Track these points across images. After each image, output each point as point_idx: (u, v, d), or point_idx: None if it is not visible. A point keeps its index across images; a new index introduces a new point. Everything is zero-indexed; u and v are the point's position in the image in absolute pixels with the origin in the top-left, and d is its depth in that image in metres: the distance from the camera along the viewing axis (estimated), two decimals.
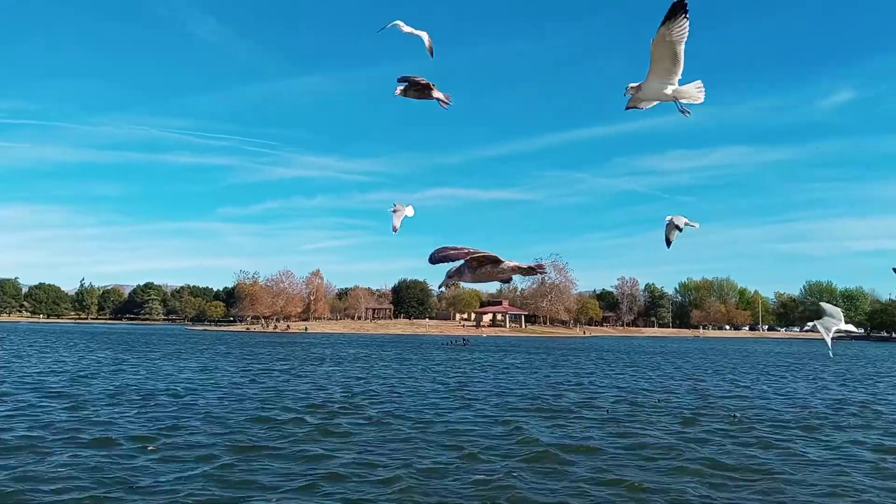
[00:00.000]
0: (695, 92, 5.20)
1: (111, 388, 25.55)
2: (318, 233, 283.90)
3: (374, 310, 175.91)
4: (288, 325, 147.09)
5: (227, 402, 21.94)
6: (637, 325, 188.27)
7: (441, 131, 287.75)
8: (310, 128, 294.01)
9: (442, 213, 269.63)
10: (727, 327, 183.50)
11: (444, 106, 5.97)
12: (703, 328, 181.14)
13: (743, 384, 33.91)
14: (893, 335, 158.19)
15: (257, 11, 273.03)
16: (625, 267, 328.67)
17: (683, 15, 4.40)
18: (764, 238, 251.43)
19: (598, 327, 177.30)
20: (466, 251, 4.09)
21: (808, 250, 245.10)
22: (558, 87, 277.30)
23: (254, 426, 17.43)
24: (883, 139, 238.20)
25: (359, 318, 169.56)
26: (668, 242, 6.82)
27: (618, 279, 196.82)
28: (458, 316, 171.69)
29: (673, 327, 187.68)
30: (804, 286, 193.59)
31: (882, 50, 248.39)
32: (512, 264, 4.18)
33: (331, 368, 39.20)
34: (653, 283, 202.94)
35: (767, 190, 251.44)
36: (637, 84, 5.01)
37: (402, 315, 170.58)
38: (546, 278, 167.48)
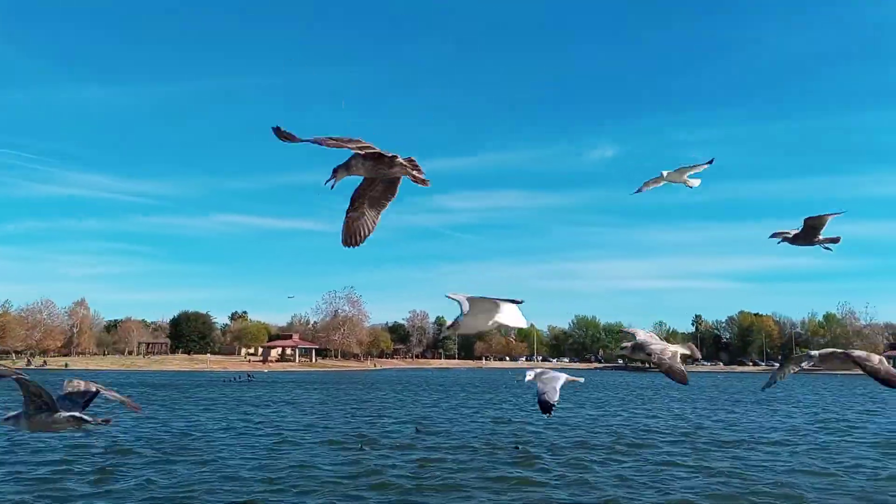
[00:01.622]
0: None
1: None
2: (87, 258, 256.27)
3: (148, 344, 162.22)
4: (45, 361, 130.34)
5: None
6: (426, 357, 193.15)
7: (232, 155, 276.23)
8: (82, 143, 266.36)
9: (231, 241, 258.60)
10: (507, 358, 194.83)
11: (424, 182, 4.61)
12: (486, 359, 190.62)
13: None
14: (647, 366, 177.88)
15: (25, 13, 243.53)
16: (416, 300, 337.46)
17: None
18: (539, 275, 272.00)
19: (389, 360, 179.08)
20: None
21: (577, 287, 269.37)
22: (359, 120, 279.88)
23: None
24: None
25: (130, 353, 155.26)
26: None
27: (409, 312, 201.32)
28: (243, 351, 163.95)
29: (458, 358, 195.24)
30: (573, 320, 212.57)
31: (639, 113, 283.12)
32: (65, 415, 5.28)
33: None
34: (442, 316, 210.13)
35: (541, 231, 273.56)
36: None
37: (180, 350, 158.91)
38: (340, 311, 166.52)
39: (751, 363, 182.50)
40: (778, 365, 6.64)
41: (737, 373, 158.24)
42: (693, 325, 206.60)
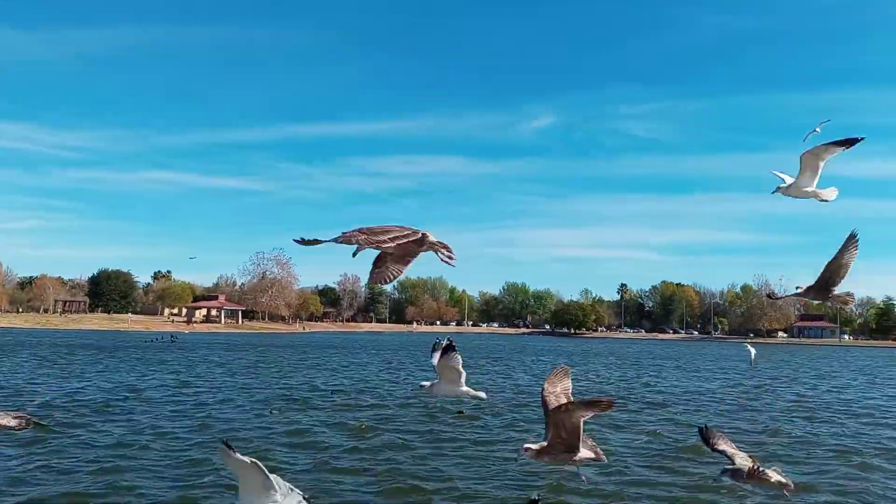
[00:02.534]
0: (828, 194, 6.14)
1: None
2: (1, 212, 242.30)
3: (65, 302, 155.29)
4: None
5: None
6: (356, 321, 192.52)
7: (160, 109, 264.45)
8: None
9: (156, 198, 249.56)
10: (437, 323, 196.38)
11: (451, 262, 5.10)
12: (417, 323, 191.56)
13: None
14: (573, 331, 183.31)
15: None
16: (348, 264, 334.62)
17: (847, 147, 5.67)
18: (475, 242, 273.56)
19: (319, 323, 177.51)
20: None
21: (510, 254, 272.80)
22: (296, 80, 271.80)
23: None
24: (574, 162, 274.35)
25: (46, 311, 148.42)
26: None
27: (340, 275, 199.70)
28: (167, 311, 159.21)
29: (390, 322, 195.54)
30: (503, 286, 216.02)
31: (579, 84, 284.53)
32: None
33: None
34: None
35: (479, 199, 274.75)
36: (787, 184, 6.06)
37: (99, 309, 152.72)
38: (268, 273, 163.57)
39: (671, 331, 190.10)
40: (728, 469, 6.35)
41: (658, 339, 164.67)
42: (618, 293, 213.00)
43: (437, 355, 6.84)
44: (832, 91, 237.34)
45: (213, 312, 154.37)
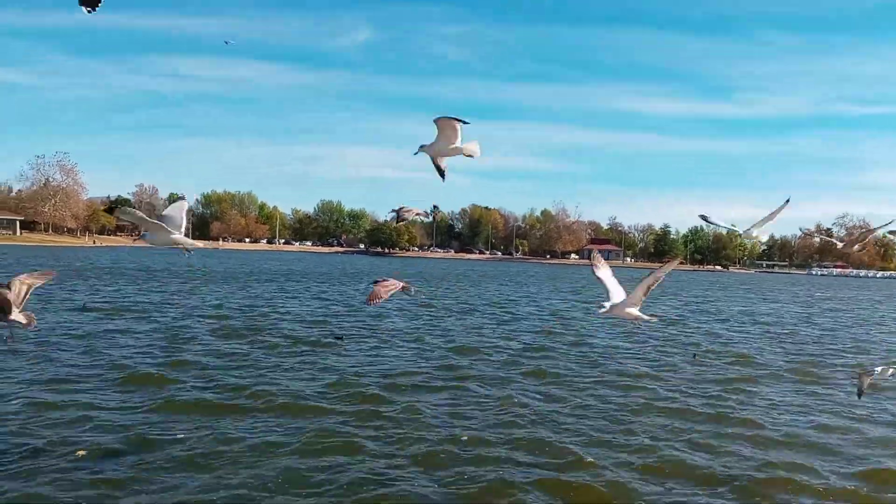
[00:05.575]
0: (473, 149, 6.73)
1: None
2: None
3: None
4: None
5: None
6: None
7: None
8: None
9: None
10: (247, 240, 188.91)
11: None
12: (224, 240, 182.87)
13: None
14: (387, 250, 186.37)
15: None
16: (145, 173, 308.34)
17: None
18: (285, 157, 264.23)
19: (112, 237, 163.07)
20: None
21: (324, 172, 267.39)
22: None
23: None
24: (391, 79, 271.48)
25: None
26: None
27: (136, 186, 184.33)
28: None
29: (192, 239, 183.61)
30: (317, 205, 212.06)
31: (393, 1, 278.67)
32: None
33: None
34: (175, 193, 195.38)
35: (288, 111, 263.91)
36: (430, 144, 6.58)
37: None
38: (51, 180, 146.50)
39: (478, 251, 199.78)
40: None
41: (465, 259, 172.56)
42: (430, 214, 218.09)
43: None
44: (631, 31, 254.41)
45: None
